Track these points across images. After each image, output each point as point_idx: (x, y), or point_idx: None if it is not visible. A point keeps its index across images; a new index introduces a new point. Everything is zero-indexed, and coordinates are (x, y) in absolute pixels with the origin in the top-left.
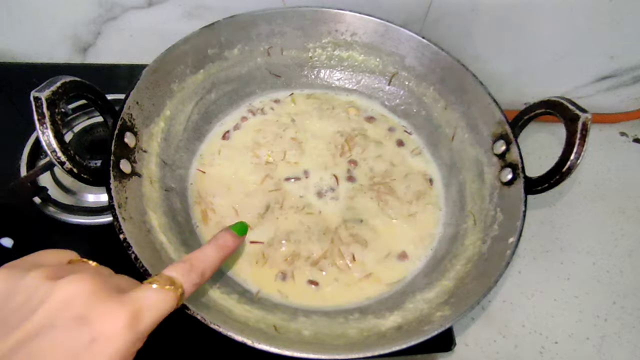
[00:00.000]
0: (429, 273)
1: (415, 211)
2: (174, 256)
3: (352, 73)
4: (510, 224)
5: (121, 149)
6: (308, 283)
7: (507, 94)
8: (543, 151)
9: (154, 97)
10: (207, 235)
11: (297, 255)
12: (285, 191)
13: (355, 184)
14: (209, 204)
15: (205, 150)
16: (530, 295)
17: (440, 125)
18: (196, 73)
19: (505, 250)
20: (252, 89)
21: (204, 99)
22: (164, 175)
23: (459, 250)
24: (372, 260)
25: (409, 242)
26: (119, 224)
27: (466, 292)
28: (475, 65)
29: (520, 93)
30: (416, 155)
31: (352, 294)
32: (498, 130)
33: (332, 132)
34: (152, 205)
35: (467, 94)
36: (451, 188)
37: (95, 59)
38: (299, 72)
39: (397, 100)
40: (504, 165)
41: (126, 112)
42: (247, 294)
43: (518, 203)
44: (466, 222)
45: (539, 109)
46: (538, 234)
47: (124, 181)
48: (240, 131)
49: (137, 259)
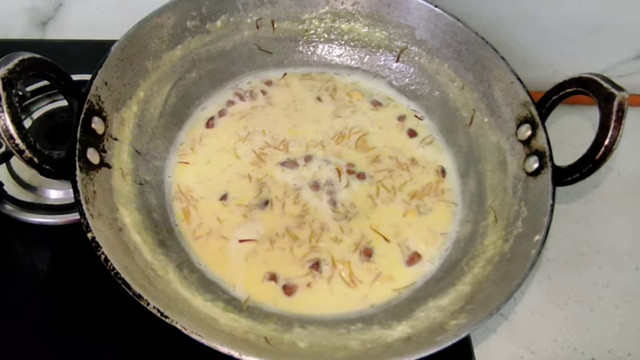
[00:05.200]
0: (443, 277)
1: (426, 207)
2: (150, 258)
3: (354, 49)
4: (536, 220)
5: (88, 137)
6: (304, 288)
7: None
8: (574, 137)
9: (125, 77)
10: (188, 235)
11: (291, 256)
12: (278, 185)
13: (358, 177)
14: (191, 199)
15: (186, 138)
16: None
17: (456, 108)
18: (173, 49)
19: (530, 250)
20: (239, 68)
21: (183, 79)
22: (138, 166)
23: (477, 251)
24: (377, 263)
25: (419, 242)
26: (87, 221)
27: (485, 298)
28: (497, 38)
29: (548, 70)
30: (427, 144)
31: (354, 301)
32: (523, 113)
33: (332, 119)
34: (124, 201)
35: (487, 72)
36: (468, 180)
37: (57, 34)
38: (292, 48)
39: (407, 79)
40: (529, 153)
41: (93, 93)
42: (234, 302)
43: (545, 196)
44: (486, 219)
45: (569, 88)
46: (571, 233)
47: (92, 173)
48: (226, 118)
49: (108, 261)
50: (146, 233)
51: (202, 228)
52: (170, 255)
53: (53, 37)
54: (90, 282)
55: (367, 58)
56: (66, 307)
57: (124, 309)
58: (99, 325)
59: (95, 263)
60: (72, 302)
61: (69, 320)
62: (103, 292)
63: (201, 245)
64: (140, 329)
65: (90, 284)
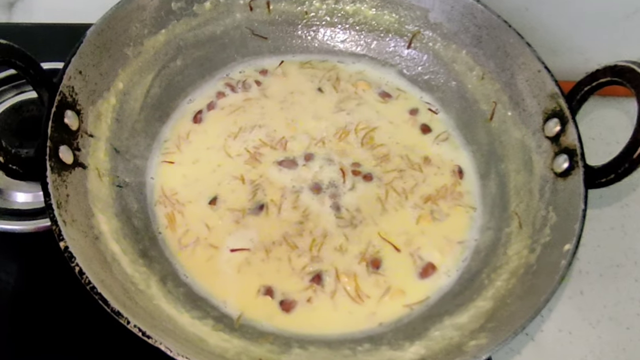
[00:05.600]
0: (461, 291)
1: (441, 212)
2: (130, 270)
3: (360, 33)
4: (566, 226)
5: (60, 133)
6: (304, 304)
7: (563, 59)
8: (609, 133)
9: (102, 66)
10: (174, 244)
11: (290, 267)
12: (274, 187)
13: (365, 179)
14: (176, 204)
15: (171, 134)
16: (596, 323)
17: (475, 101)
18: (156, 34)
19: (559, 261)
20: (230, 55)
21: (168, 68)
22: (116, 166)
23: (499, 262)
24: (386, 276)
25: (433, 252)
26: (59, 228)
27: (508, 315)
28: (521, 21)
29: (579, 58)
30: (442, 141)
31: (360, 318)
32: (550, 106)
33: (335, 112)
34: (101, 205)
35: (510, 59)
36: (489, 182)
37: (25, 16)
38: (290, 33)
39: (419, 68)
40: (558, 151)
41: (66, 84)
42: (225, 319)
43: (576, 200)
44: (509, 226)
45: (603, 78)
46: (605, 242)
47: (65, 174)
48: (216, 111)
49: (83, 274)
50: (126, 242)
51: (189, 236)
52: (153, 267)
53: (21, 20)
54: (63, 298)
55: (375, 44)
56: (35, 326)
57: (102, 327)
58: (73, 347)
59: (69, 276)
60: (42, 320)
61: (39, 341)
62: (77, 309)
63: (188, 255)
64: (119, 350)
65: (62, 299)
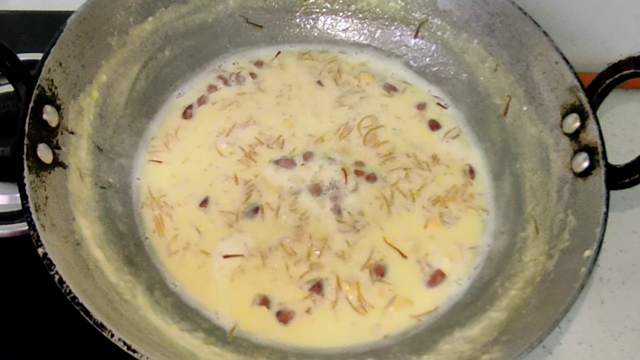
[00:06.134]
0: (472, 301)
1: (451, 215)
2: (114, 278)
3: (364, 21)
4: (586, 231)
5: (39, 130)
6: (303, 315)
7: (583, 49)
8: (632, 130)
9: (84, 57)
10: (162, 250)
11: (287, 275)
12: (270, 188)
13: (368, 179)
14: (164, 206)
15: (158, 131)
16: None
17: (487, 94)
18: (143, 22)
19: (579, 268)
20: (223, 46)
21: (155, 59)
22: (100, 166)
23: (514, 269)
24: (391, 284)
25: (443, 259)
26: (37, 233)
27: (524, 327)
28: (538, 8)
29: (600, 48)
30: (452, 138)
31: (364, 330)
32: (569, 100)
33: (336, 107)
34: (83, 208)
35: (525, 50)
36: (502, 182)
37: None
38: (288, 21)
39: (427, 59)
40: (577, 149)
41: (45, 77)
42: (217, 332)
43: (597, 202)
44: (525, 230)
45: (626, 69)
46: (628, 247)
47: (43, 174)
48: (207, 106)
49: (63, 282)
50: (110, 248)
51: (178, 241)
52: (139, 275)
53: None
54: (42, 308)
55: (379, 33)
56: (13, 339)
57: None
58: None
59: (48, 284)
60: (20, 331)
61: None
62: (58, 320)
63: (177, 262)
64: None
65: (41, 309)
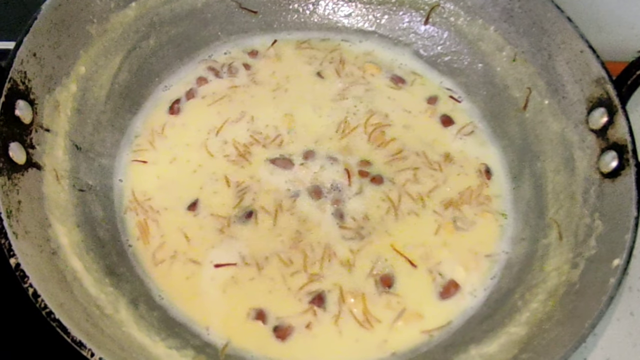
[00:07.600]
0: (489, 315)
1: (466, 220)
2: (94, 291)
3: (368, 6)
4: (614, 237)
5: (10, 127)
6: (303, 330)
7: (610, 37)
8: None
9: (61, 46)
10: (146, 259)
11: (285, 287)
12: (266, 190)
13: (373, 181)
14: (150, 211)
15: (143, 128)
16: None
17: (505, 86)
18: (125, 8)
19: (607, 279)
20: (213, 33)
21: (139, 49)
22: (78, 166)
23: (535, 279)
24: (400, 296)
25: (457, 268)
26: (9, 242)
27: (547, 344)
28: None
29: (630, 35)
30: (466, 135)
31: (370, 347)
32: (596, 93)
33: (338, 101)
34: (60, 214)
35: (547, 37)
36: (522, 183)
37: None
38: (285, 6)
39: (439, 47)
40: (605, 147)
41: (17, 69)
42: (208, 349)
43: (627, 205)
44: (547, 236)
45: None
46: None
47: (16, 176)
48: (196, 100)
49: (38, 296)
50: (89, 257)
51: (165, 249)
52: (122, 287)
53: None
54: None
55: (386, 19)
56: None
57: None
58: None
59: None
60: None
61: None
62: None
63: (163, 272)
64: None
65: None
